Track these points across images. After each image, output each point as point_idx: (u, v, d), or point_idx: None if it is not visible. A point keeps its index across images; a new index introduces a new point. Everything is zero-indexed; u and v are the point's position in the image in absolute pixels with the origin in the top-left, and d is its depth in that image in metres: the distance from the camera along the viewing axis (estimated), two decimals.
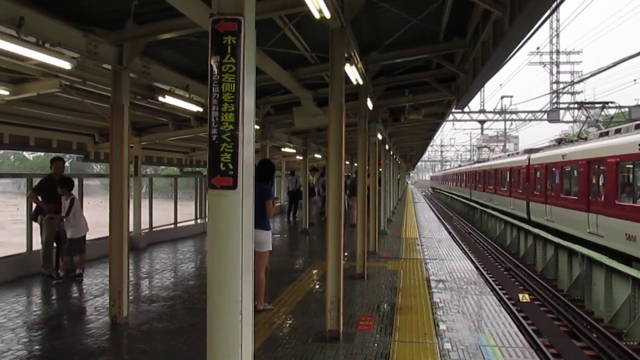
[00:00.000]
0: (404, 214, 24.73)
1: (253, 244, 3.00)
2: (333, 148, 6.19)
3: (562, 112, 32.64)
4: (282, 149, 17.83)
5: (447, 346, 5.78)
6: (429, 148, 60.37)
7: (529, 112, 34.19)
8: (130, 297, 7.02)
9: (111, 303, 6.54)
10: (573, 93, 37.70)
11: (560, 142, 22.06)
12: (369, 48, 8.87)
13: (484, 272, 15.63)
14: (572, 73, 39.64)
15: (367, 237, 10.04)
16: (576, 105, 28.06)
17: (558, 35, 39.78)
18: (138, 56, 6.72)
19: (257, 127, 12.28)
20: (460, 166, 62.57)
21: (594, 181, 15.08)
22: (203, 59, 2.50)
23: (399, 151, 31.06)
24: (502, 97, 37.47)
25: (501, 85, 42.06)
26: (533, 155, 22.79)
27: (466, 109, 33.30)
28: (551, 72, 39.55)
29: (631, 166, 12.92)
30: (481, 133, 51.20)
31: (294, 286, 8.70)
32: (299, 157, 20.12)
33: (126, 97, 6.50)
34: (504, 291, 13.47)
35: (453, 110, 19.85)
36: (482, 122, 36.19)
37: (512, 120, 36.73)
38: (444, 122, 23.21)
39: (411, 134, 23.56)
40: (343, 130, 6.20)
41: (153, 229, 14.15)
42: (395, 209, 26.11)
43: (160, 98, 8.23)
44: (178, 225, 15.53)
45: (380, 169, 15.11)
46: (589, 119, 23.89)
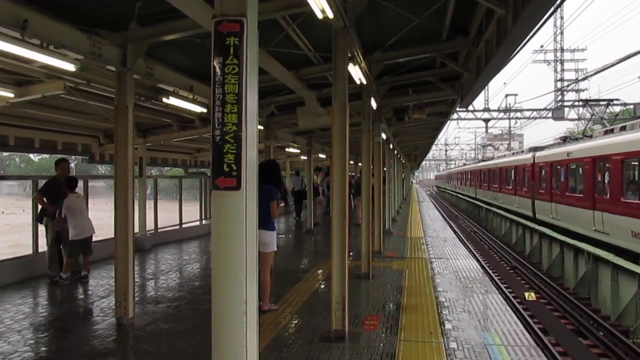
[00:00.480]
0: (409, 213, 24.69)
1: (257, 245, 3.00)
2: (337, 148, 6.19)
3: (567, 110, 32.49)
4: (286, 149, 17.84)
5: (453, 345, 5.77)
6: (434, 147, 60.29)
7: (534, 110, 34.09)
8: (136, 298, 7.03)
9: (117, 304, 6.56)
10: (578, 90, 37.54)
11: (565, 140, 21.98)
12: (372, 48, 8.86)
13: (490, 271, 15.60)
14: (577, 71, 39.53)
15: (372, 237, 10.02)
16: (581, 102, 27.95)
17: (562, 33, 39.66)
18: (142, 57, 6.73)
19: (261, 128, 12.28)
20: (465, 165, 62.45)
21: (600, 179, 15.02)
22: (207, 60, 2.51)
23: (403, 150, 31.01)
24: (507, 96, 37.44)
25: (505, 83, 42.00)
26: (538, 153, 22.71)
27: (470, 108, 33.27)
28: (555, 70, 39.46)
29: (637, 163, 12.87)
30: (486, 131, 51.04)
31: (299, 286, 8.69)
32: (303, 157, 20.12)
33: (130, 99, 6.51)
34: (510, 290, 13.44)
35: (457, 109, 19.79)
36: (487, 121, 36.10)
37: (517, 118, 36.69)
38: (448, 121, 23.17)
39: (415, 133, 23.52)
40: (347, 130, 6.20)
41: (158, 230, 14.18)
42: (400, 208, 26.06)
43: (164, 99, 8.26)
44: (183, 226, 15.57)
45: (384, 169, 15.10)
46: (594, 117, 23.82)
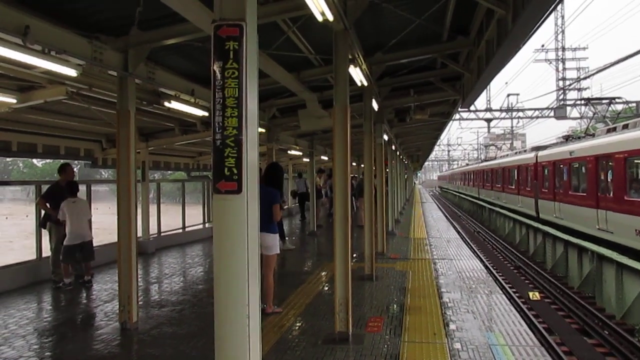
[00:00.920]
0: (412, 214, 24.67)
1: (259, 248, 3.01)
2: (338, 150, 6.19)
3: (569, 109, 32.46)
4: (289, 152, 17.85)
5: (457, 346, 5.76)
6: (436, 147, 60.29)
7: (536, 110, 34.09)
8: (139, 302, 7.04)
9: (121, 308, 6.56)
10: (579, 89, 37.51)
11: (567, 139, 21.94)
12: (373, 49, 8.87)
13: (494, 271, 15.58)
14: (578, 69, 39.52)
15: (375, 238, 10.02)
16: (583, 101, 27.94)
17: (563, 32, 39.68)
18: (143, 62, 6.75)
19: (263, 130, 12.30)
20: (467, 165, 62.38)
21: (603, 177, 14.99)
22: (207, 64, 2.52)
23: (406, 151, 31.00)
24: (509, 95, 37.41)
25: (507, 83, 41.95)
26: (540, 152, 22.67)
27: (472, 108, 33.27)
28: (557, 69, 39.41)
29: None
30: (488, 131, 51.07)
31: (303, 288, 8.70)
32: (306, 159, 20.14)
33: (132, 103, 6.53)
34: (514, 289, 13.42)
35: (459, 109, 19.79)
36: (489, 121, 36.11)
37: (519, 118, 36.66)
38: (450, 122, 23.15)
39: (417, 134, 23.51)
40: (348, 132, 6.20)
41: (161, 234, 14.20)
42: (403, 210, 26.06)
43: (166, 103, 8.27)
44: (186, 229, 15.59)
45: (386, 170, 15.08)
46: (596, 115, 23.77)
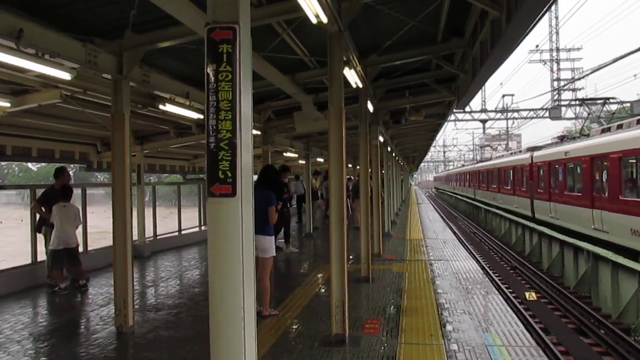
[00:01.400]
0: (408, 216, 24.68)
1: (254, 251, 3.00)
2: (334, 152, 6.19)
3: (564, 109, 32.63)
4: (284, 154, 17.84)
5: (454, 347, 5.76)
6: (432, 149, 60.29)
7: (531, 110, 34.23)
8: (135, 306, 7.02)
9: (116, 312, 6.55)
10: (574, 90, 37.67)
11: (562, 139, 22.01)
12: (368, 51, 8.88)
13: (490, 272, 15.61)
14: (573, 70, 39.69)
15: (371, 240, 10.02)
16: (577, 101, 28.02)
17: (557, 32, 39.81)
18: (138, 65, 6.75)
19: (259, 133, 12.29)
20: (463, 166, 62.48)
21: (598, 177, 15.04)
22: (202, 66, 2.52)
23: (402, 152, 31.04)
24: (504, 96, 37.76)
25: (502, 84, 42.21)
26: (536, 153, 22.74)
27: (467, 109, 33.40)
28: (552, 70, 39.56)
29: (634, 161, 12.88)
30: (483, 132, 51.10)
31: (299, 291, 8.69)
32: (302, 162, 20.12)
33: (127, 106, 6.52)
34: (510, 290, 13.44)
35: (454, 110, 19.84)
36: (484, 122, 36.22)
37: (514, 118, 36.82)
38: (446, 123, 23.22)
39: (413, 135, 23.55)
40: (343, 133, 6.20)
41: (157, 237, 14.16)
42: (399, 211, 26.07)
43: (160, 106, 8.25)
44: (182, 232, 15.55)
45: (382, 171, 15.11)
46: (591, 115, 23.86)
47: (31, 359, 5.66)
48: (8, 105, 7.36)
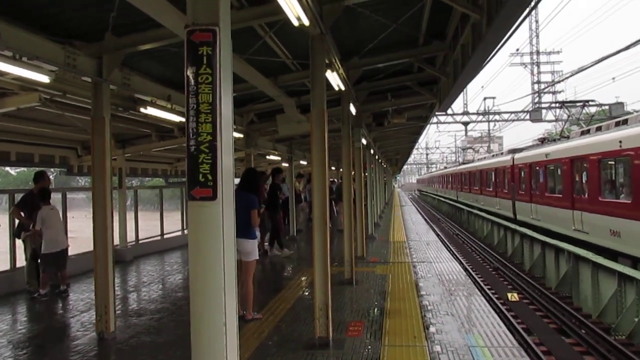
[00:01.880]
0: (392, 218, 24.77)
1: (235, 254, 2.98)
2: (316, 154, 6.19)
3: (544, 112, 33.01)
4: (267, 157, 17.80)
5: (437, 349, 5.78)
6: (415, 151, 60.65)
7: (512, 113, 34.58)
8: (117, 311, 6.94)
9: (97, 318, 6.45)
10: (554, 92, 38.15)
11: (543, 142, 22.26)
12: (350, 54, 8.90)
13: (473, 273, 15.71)
14: (553, 73, 40.14)
15: (355, 242, 10.03)
16: (558, 104, 28.40)
17: (537, 36, 40.31)
18: (118, 68, 6.68)
19: (241, 136, 12.24)
20: (446, 168, 62.90)
21: (578, 179, 15.23)
22: (184, 69, 2.51)
23: (385, 155, 31.15)
24: (485, 99, 37.82)
25: (483, 87, 42.65)
26: (517, 155, 22.96)
27: (449, 111, 33.62)
28: (532, 73, 40.03)
29: (613, 163, 13.07)
30: (465, 134, 51.53)
31: (283, 294, 8.66)
32: (285, 164, 20.10)
33: (107, 109, 6.45)
34: (493, 291, 13.54)
35: (437, 113, 19.96)
36: (466, 124, 36.47)
37: (496, 121, 37.11)
38: (428, 125, 23.33)
39: (396, 138, 23.65)
40: (326, 136, 6.20)
41: (139, 242, 14.03)
42: (382, 213, 26.15)
43: (142, 109, 8.18)
44: (165, 236, 15.43)
45: (365, 174, 15.13)
46: (571, 118, 24.17)
47: None
48: None
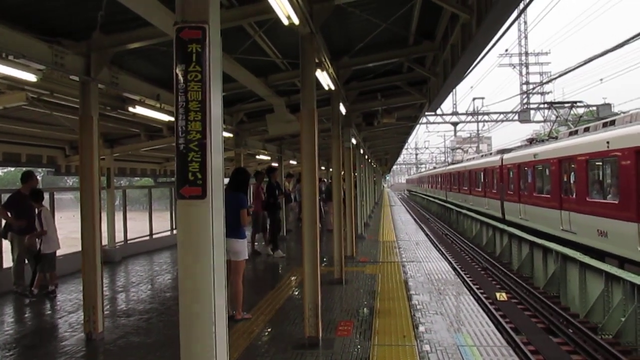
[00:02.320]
0: (381, 218, 24.82)
1: (225, 254, 2.96)
2: (306, 154, 6.18)
3: (533, 112, 33.19)
4: (257, 156, 17.76)
5: (427, 348, 5.80)
6: (404, 151, 60.79)
7: (501, 113, 34.73)
8: (105, 312, 6.90)
9: (86, 319, 6.41)
10: (543, 93, 38.30)
11: (531, 142, 22.40)
12: (340, 53, 8.90)
13: (462, 273, 15.76)
14: (541, 74, 40.30)
15: (344, 242, 10.03)
16: (546, 105, 28.61)
17: (526, 37, 40.42)
18: (106, 66, 6.62)
19: (231, 135, 12.20)
20: (435, 168, 63.13)
21: (565, 179, 15.34)
22: (173, 68, 2.50)
23: (374, 155, 31.20)
24: (474, 99, 37.98)
25: (472, 87, 42.85)
26: (506, 155, 23.08)
27: (439, 112, 33.72)
28: (521, 73, 40.18)
29: (600, 163, 13.17)
30: (454, 135, 51.80)
31: (273, 294, 8.64)
32: (274, 164, 20.08)
33: (95, 109, 6.40)
34: (482, 291, 13.60)
35: (426, 113, 20.01)
36: (455, 124, 36.60)
37: (485, 121, 37.27)
38: (418, 125, 23.41)
39: (385, 138, 23.71)
40: (316, 136, 6.20)
41: (128, 242, 13.94)
42: (372, 213, 26.19)
43: (130, 108, 8.13)
44: (154, 236, 15.35)
45: (355, 173, 15.14)
46: (559, 119, 24.33)
47: None
48: None
